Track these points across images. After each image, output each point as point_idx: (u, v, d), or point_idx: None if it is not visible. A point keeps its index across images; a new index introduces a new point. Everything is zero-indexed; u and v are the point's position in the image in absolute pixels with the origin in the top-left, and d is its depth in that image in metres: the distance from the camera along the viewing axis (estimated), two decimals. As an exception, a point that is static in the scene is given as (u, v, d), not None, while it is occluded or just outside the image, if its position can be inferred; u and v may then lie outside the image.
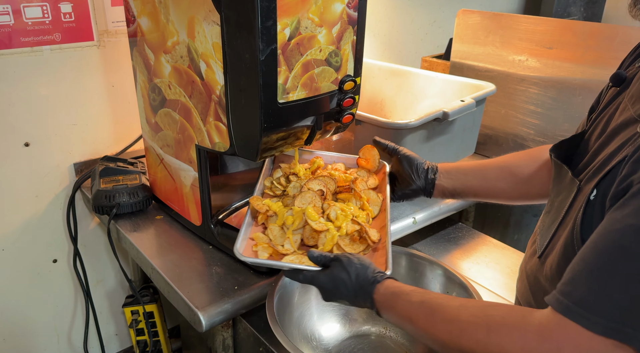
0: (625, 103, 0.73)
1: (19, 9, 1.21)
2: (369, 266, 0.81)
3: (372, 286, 0.78)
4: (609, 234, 0.56)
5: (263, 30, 0.79)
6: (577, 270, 0.58)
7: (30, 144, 1.34)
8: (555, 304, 0.58)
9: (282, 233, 0.93)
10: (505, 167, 1.01)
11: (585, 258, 0.58)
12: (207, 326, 0.91)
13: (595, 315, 0.54)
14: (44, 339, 1.56)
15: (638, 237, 0.53)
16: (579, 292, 0.56)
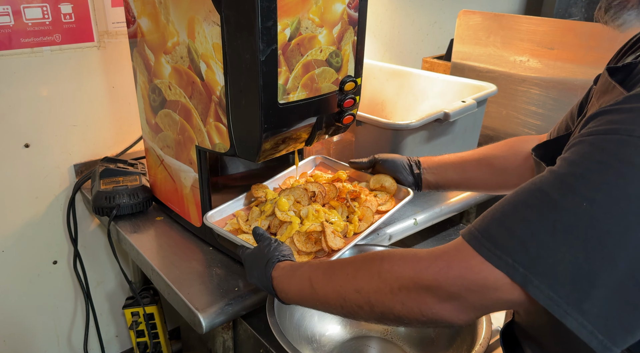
0: (593, 100, 0.75)
1: (19, 10, 1.21)
2: (281, 251, 0.83)
3: (271, 265, 0.80)
4: (533, 179, 0.58)
5: (263, 30, 0.78)
6: (494, 206, 0.60)
7: (30, 145, 1.34)
8: (464, 232, 0.60)
9: (259, 216, 1.00)
10: (484, 159, 1.05)
11: (507, 196, 0.59)
12: (208, 328, 0.91)
13: (490, 242, 0.56)
14: (44, 341, 1.55)
15: (554, 181, 0.55)
16: (485, 221, 0.59)
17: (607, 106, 0.58)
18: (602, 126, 0.55)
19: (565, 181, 0.54)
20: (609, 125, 0.55)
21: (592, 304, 0.51)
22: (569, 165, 0.55)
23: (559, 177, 0.55)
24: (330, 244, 0.91)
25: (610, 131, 0.54)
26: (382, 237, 1.17)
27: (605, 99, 0.69)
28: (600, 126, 0.55)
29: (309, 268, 0.75)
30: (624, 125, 0.53)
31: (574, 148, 0.57)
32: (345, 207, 1.02)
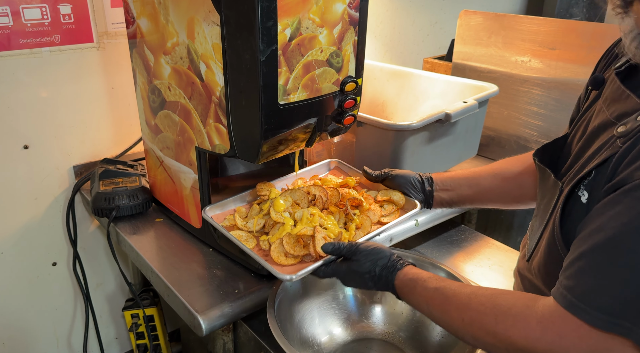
0: (600, 105, 0.75)
1: (18, 11, 1.20)
2: (388, 254, 0.84)
3: (392, 274, 0.82)
4: (602, 231, 0.59)
5: (263, 30, 0.78)
6: (578, 266, 0.60)
7: (29, 147, 1.33)
8: (559, 298, 0.61)
9: (258, 214, 1.00)
10: (498, 174, 1.03)
11: (583, 253, 0.60)
12: (208, 330, 0.90)
13: (597, 310, 0.57)
14: (44, 343, 1.54)
15: (632, 234, 0.56)
16: (580, 287, 0.59)
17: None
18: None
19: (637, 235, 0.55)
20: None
21: None
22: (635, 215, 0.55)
23: (636, 229, 0.55)
24: (318, 250, 0.89)
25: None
26: (384, 239, 1.16)
27: (618, 107, 0.69)
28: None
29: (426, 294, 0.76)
30: None
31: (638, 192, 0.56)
32: (344, 214, 1.00)
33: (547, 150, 0.83)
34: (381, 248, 0.85)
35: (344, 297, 1.03)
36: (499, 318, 0.66)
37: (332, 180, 1.12)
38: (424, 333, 0.99)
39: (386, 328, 1.02)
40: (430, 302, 0.75)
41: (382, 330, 1.02)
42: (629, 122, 0.63)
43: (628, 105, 0.67)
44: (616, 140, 0.64)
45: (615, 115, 0.68)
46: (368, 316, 1.03)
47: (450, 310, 0.72)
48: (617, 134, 0.64)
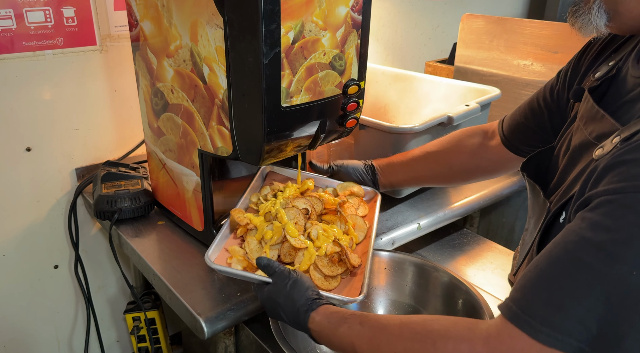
0: (578, 123, 0.74)
1: (21, 14, 1.21)
2: (305, 291, 0.77)
3: (306, 315, 0.75)
4: (564, 245, 0.57)
5: (267, 33, 0.78)
6: (529, 277, 0.58)
7: (31, 149, 1.33)
8: (504, 310, 0.58)
9: (260, 247, 0.92)
10: (430, 156, 1.10)
11: (539, 265, 0.58)
12: (209, 333, 0.90)
13: (541, 323, 0.54)
14: (45, 346, 1.54)
15: (594, 251, 0.53)
16: (527, 299, 0.56)
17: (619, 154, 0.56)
18: (626, 182, 0.53)
19: (606, 249, 0.53)
20: (633, 181, 0.53)
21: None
22: (606, 231, 0.53)
23: (598, 245, 0.53)
24: (353, 263, 0.88)
25: (637, 188, 0.52)
26: (386, 242, 1.16)
27: (594, 127, 0.68)
28: (623, 182, 0.54)
29: (351, 332, 0.69)
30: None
31: (603, 209, 0.54)
32: (342, 220, 0.98)
33: (532, 162, 0.82)
34: (304, 281, 0.79)
35: (346, 300, 1.03)
36: (437, 344, 0.61)
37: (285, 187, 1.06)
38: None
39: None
40: (357, 339, 0.68)
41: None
42: (606, 145, 0.62)
43: (604, 126, 0.66)
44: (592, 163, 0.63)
45: (594, 136, 0.68)
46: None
47: (381, 345, 0.66)
48: (595, 158, 0.63)
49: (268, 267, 0.82)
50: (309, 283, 0.80)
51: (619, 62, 0.72)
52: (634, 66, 0.69)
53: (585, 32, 0.68)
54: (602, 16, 0.66)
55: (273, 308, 0.80)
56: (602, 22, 0.66)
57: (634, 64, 0.69)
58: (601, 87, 0.72)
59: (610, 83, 0.71)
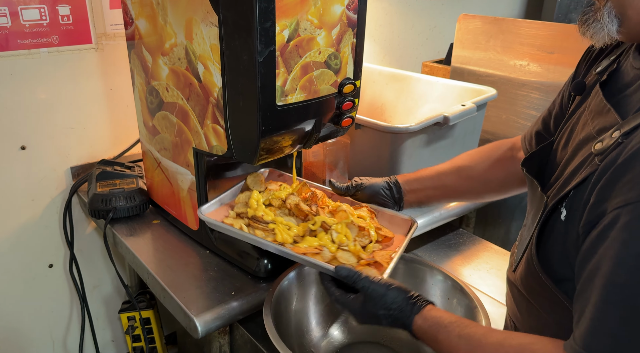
0: (586, 117, 0.74)
1: (16, 11, 1.20)
2: (405, 295, 0.77)
3: (409, 319, 0.76)
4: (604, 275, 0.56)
5: (261, 31, 0.78)
6: (590, 319, 0.57)
7: (26, 147, 1.33)
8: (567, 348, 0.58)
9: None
10: (462, 171, 1.03)
11: (595, 304, 0.57)
12: (203, 332, 0.90)
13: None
14: (39, 345, 1.54)
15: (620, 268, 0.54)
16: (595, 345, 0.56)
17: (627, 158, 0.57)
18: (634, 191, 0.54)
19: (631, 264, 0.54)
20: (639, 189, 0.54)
21: None
22: (624, 246, 0.54)
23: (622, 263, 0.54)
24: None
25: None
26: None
27: (599, 121, 0.69)
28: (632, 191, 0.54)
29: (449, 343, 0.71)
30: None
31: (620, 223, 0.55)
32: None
33: (534, 159, 0.82)
34: (398, 289, 0.78)
35: (341, 300, 1.03)
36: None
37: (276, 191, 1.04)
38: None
39: (384, 332, 1.02)
40: (453, 351, 0.71)
41: (380, 334, 1.01)
42: (605, 139, 0.62)
43: (608, 120, 0.66)
44: (594, 158, 0.64)
45: (597, 130, 0.68)
46: (365, 319, 1.03)
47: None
48: (595, 152, 0.63)
49: (351, 279, 0.79)
50: (401, 287, 0.79)
51: (620, 56, 0.72)
52: (635, 57, 0.68)
53: (597, 39, 0.67)
54: (613, 21, 0.65)
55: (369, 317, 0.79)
56: (614, 27, 0.65)
57: (635, 55, 0.69)
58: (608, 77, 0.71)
59: (612, 76, 0.71)
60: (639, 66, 0.67)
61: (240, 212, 0.96)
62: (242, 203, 0.99)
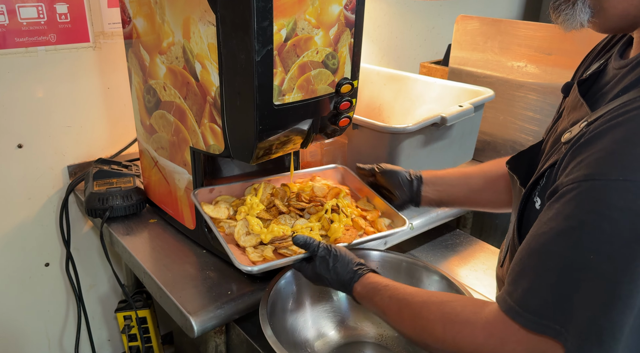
0: (564, 114, 0.77)
1: (13, 9, 1.20)
2: (350, 261, 0.86)
3: (350, 285, 0.84)
4: (537, 237, 0.61)
5: (259, 30, 0.78)
6: (516, 271, 0.63)
7: (23, 146, 1.33)
8: (500, 303, 0.63)
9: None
10: (490, 176, 1.03)
11: (522, 258, 0.63)
12: (199, 331, 0.90)
13: (530, 313, 0.59)
14: (35, 344, 1.53)
15: (558, 239, 0.58)
16: (517, 291, 0.61)
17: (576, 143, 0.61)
18: (580, 171, 0.58)
19: (567, 236, 0.57)
20: (585, 169, 0.58)
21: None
22: (565, 219, 0.58)
23: (561, 234, 0.58)
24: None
25: (589, 177, 0.57)
26: (378, 242, 1.16)
27: (574, 115, 0.72)
28: (582, 171, 0.58)
29: (382, 303, 0.79)
30: (598, 169, 0.56)
31: (564, 199, 0.59)
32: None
33: (522, 158, 0.84)
34: (344, 255, 0.86)
35: (338, 300, 1.03)
36: (447, 327, 0.68)
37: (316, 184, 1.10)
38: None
39: (380, 332, 1.01)
40: (386, 310, 0.78)
41: (375, 334, 1.01)
42: (574, 130, 0.66)
43: (580, 113, 0.69)
44: (562, 146, 0.67)
45: (570, 123, 0.71)
46: (362, 319, 1.03)
47: (404, 319, 0.75)
48: (563, 141, 0.67)
49: (306, 245, 0.87)
50: (349, 256, 0.87)
51: (607, 60, 0.75)
52: (616, 59, 0.71)
53: (567, 26, 0.69)
54: (585, 11, 0.67)
55: (319, 281, 0.88)
56: (585, 17, 0.67)
57: (616, 57, 0.71)
58: (588, 80, 0.74)
59: (597, 78, 0.74)
60: (618, 66, 0.69)
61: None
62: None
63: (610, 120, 0.58)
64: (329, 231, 0.98)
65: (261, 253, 0.92)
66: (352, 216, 1.02)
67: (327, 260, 0.86)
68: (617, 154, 0.55)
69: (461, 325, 0.67)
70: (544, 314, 0.58)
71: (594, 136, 0.59)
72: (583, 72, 0.82)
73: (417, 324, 0.73)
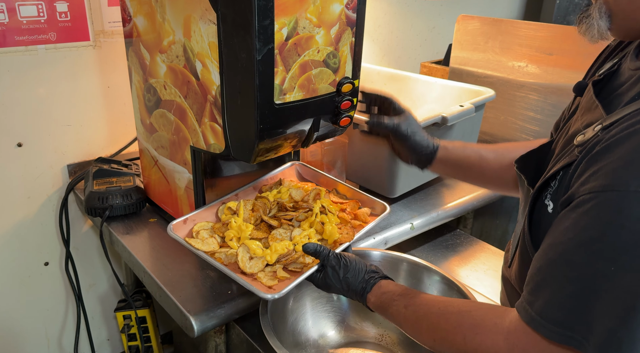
0: (577, 114, 0.77)
1: (13, 7, 1.20)
2: (359, 271, 0.85)
3: (363, 297, 0.83)
4: (555, 246, 0.61)
5: (260, 29, 0.77)
6: (535, 281, 0.63)
7: (23, 145, 1.32)
8: (521, 313, 0.63)
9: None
10: (501, 150, 1.02)
11: (540, 268, 0.63)
12: (199, 331, 0.89)
13: (552, 324, 0.59)
14: (34, 343, 1.53)
15: (579, 249, 0.58)
16: (539, 302, 0.61)
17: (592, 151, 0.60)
18: (598, 181, 0.57)
19: (587, 247, 0.57)
20: (603, 179, 0.57)
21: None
22: (584, 230, 0.57)
23: (582, 244, 0.58)
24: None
25: (607, 187, 0.56)
26: (378, 242, 1.15)
27: (587, 117, 0.71)
28: (600, 180, 0.57)
29: (398, 315, 0.78)
30: (617, 179, 0.55)
31: (581, 208, 0.58)
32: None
33: (531, 158, 0.83)
34: (355, 264, 0.85)
35: (338, 299, 1.03)
36: (467, 338, 0.68)
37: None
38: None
39: (380, 332, 1.01)
40: (403, 322, 0.78)
41: (375, 334, 1.01)
42: (587, 132, 0.65)
43: (595, 115, 0.69)
44: (574, 149, 0.66)
45: (584, 125, 0.70)
46: (362, 319, 1.02)
47: (422, 330, 0.75)
48: (576, 143, 0.66)
49: (317, 254, 0.85)
50: (360, 264, 0.86)
51: (621, 59, 0.74)
52: (632, 59, 0.70)
53: (590, 35, 0.69)
54: (603, 18, 0.67)
55: (331, 290, 0.87)
56: (604, 24, 0.67)
57: (632, 57, 0.70)
58: (603, 80, 0.73)
59: (611, 78, 0.73)
60: (634, 67, 0.68)
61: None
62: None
63: (627, 127, 0.58)
64: (324, 234, 0.94)
65: (273, 275, 0.88)
66: (337, 213, 1.00)
67: (338, 271, 0.84)
68: (636, 164, 0.55)
69: (483, 336, 0.67)
70: (566, 325, 0.58)
71: (612, 144, 0.58)
72: (595, 71, 0.82)
73: (436, 335, 0.72)
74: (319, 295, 1.01)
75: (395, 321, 0.79)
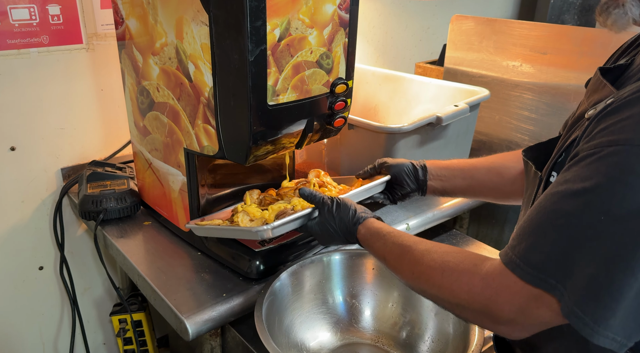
0: (584, 98, 0.77)
1: (5, 11, 1.19)
2: (350, 207, 0.89)
3: (354, 227, 0.88)
4: (551, 196, 0.61)
5: (252, 30, 0.77)
6: (523, 227, 0.63)
7: (16, 148, 1.31)
8: (502, 256, 0.64)
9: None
10: (493, 168, 1.04)
11: (530, 215, 0.63)
12: (194, 334, 0.89)
13: (529, 266, 0.60)
14: (29, 348, 1.52)
15: (571, 199, 0.58)
16: (521, 246, 0.62)
17: (602, 111, 0.60)
18: (604, 137, 0.57)
19: (580, 197, 0.57)
20: (609, 135, 0.57)
21: (615, 317, 0.55)
22: (581, 180, 0.57)
23: (574, 194, 0.58)
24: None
25: (612, 142, 0.56)
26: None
27: (595, 97, 0.70)
28: (605, 137, 0.57)
29: (384, 248, 0.82)
30: (623, 135, 0.55)
31: (583, 162, 0.58)
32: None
33: (539, 149, 0.83)
34: (347, 203, 0.90)
35: (333, 301, 1.02)
36: (445, 273, 0.70)
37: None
38: (413, 338, 0.98)
39: (376, 333, 1.01)
40: (387, 255, 0.81)
41: (371, 335, 1.01)
42: (599, 106, 0.64)
43: (603, 93, 0.68)
44: (585, 122, 0.66)
45: (592, 104, 0.70)
46: (357, 320, 1.02)
47: (403, 263, 0.78)
48: (587, 117, 0.66)
49: (312, 196, 0.91)
50: (353, 204, 0.90)
51: (634, 56, 0.73)
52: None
53: (619, 27, 0.68)
54: (637, 6, 0.66)
55: (326, 233, 0.90)
56: (638, 11, 0.67)
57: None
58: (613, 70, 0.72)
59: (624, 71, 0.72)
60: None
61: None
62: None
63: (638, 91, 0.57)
64: None
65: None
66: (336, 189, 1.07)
67: (332, 209, 0.89)
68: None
69: (460, 274, 0.68)
70: (543, 269, 0.58)
71: (622, 104, 0.58)
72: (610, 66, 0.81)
73: (416, 269, 0.74)
74: (314, 297, 1.01)
75: (379, 254, 0.82)
